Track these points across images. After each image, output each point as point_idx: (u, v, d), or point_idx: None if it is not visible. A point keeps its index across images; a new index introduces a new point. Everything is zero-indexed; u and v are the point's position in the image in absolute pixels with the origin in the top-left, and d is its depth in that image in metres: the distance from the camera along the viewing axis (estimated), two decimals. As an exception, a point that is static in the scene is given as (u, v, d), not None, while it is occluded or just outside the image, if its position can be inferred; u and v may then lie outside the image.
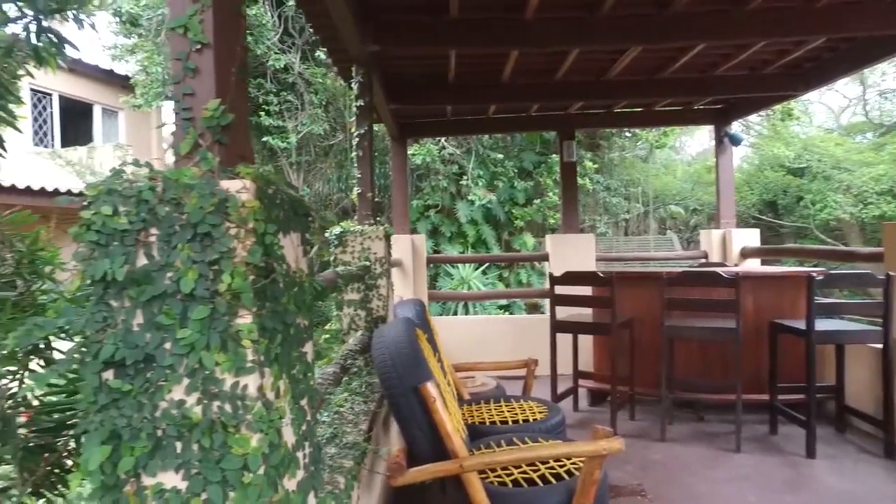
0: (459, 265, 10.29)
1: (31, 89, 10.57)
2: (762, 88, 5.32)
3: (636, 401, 4.49)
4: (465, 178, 10.64)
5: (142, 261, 1.04)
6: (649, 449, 3.81)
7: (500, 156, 10.99)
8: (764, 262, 6.37)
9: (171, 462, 1.10)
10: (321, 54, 9.99)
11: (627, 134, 12.97)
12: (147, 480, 1.12)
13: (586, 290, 4.61)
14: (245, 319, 1.04)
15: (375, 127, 4.66)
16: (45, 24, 1.63)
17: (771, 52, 4.74)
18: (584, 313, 4.67)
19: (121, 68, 11.74)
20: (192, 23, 1.15)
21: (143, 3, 10.36)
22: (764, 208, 13.02)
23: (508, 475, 2.31)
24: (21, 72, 1.64)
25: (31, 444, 1.52)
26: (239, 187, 1.04)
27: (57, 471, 1.60)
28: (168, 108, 11.72)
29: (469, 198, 10.64)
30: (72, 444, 1.63)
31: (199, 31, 1.15)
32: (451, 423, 2.15)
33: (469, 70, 4.86)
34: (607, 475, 2.33)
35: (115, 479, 1.11)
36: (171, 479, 1.11)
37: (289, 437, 1.25)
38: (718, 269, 4.21)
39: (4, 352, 1.36)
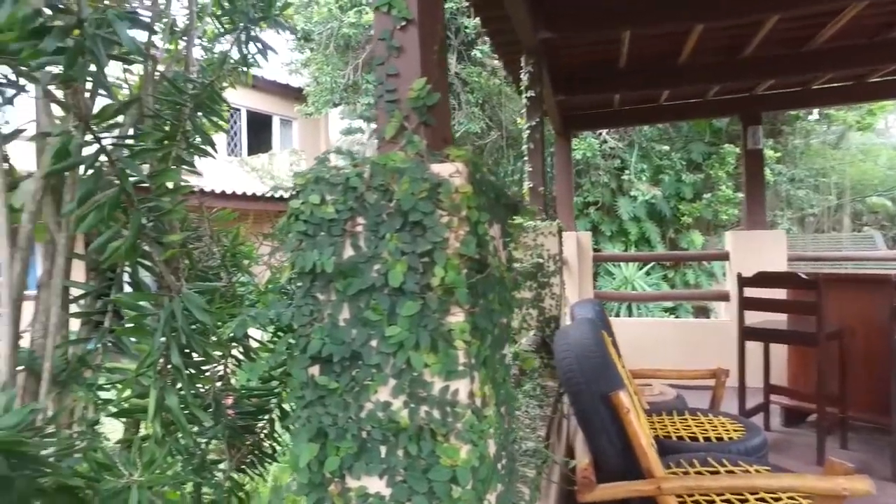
0: (622, 264, 9.76)
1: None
2: None
3: (848, 427, 3.82)
4: (626, 172, 10.06)
5: (348, 252, 0.98)
6: (878, 489, 3.18)
7: (666, 147, 10.23)
8: None
9: (376, 467, 1.04)
10: (478, 53, 10.05)
11: (814, 116, 11.39)
12: (351, 482, 1.07)
13: (775, 294, 4.02)
14: (457, 317, 0.94)
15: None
16: (252, 33, 1.71)
17: None
18: (774, 320, 4.09)
19: (295, 81, 12.84)
20: (397, -1, 1.08)
21: (314, 20, 11.19)
22: None
23: (709, 502, 2.02)
24: (225, 84, 1.74)
25: (235, 425, 1.60)
26: (451, 171, 0.94)
27: (256, 452, 1.67)
28: (335, 113, 12.61)
29: (631, 193, 10.04)
30: (269, 428, 1.69)
31: (403, 7, 1.08)
32: (644, 437, 1.92)
33: (642, 53, 4.49)
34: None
35: (321, 478, 1.07)
36: (375, 485, 1.05)
37: (491, 447, 1.14)
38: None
39: (214, 338, 1.43)
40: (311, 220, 0.97)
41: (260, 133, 13.43)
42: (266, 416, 1.65)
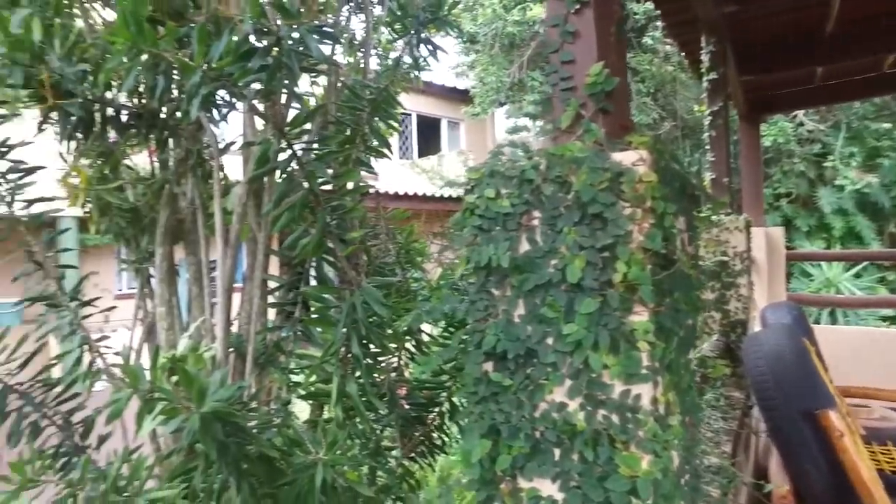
0: (823, 264, 8.53)
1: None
2: None
3: None
4: (829, 158, 8.77)
5: (524, 246, 0.96)
6: None
7: (886, 125, 8.70)
8: None
9: (549, 469, 1.00)
10: (648, 39, 9.48)
11: None
12: (523, 483, 1.05)
13: None
14: (641, 317, 0.87)
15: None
16: (422, 35, 1.77)
17: None
18: None
19: (461, 83, 13.21)
20: (572, -20, 1.02)
21: (479, 22, 11.40)
22: None
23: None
24: (398, 88, 1.82)
25: (408, 415, 1.67)
26: (634, 159, 0.87)
27: (426, 442, 1.73)
28: (500, 113, 12.75)
29: (836, 182, 8.73)
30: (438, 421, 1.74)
31: (578, -12, 1.02)
32: (866, 469, 1.63)
33: (859, 13, 3.81)
34: None
35: (493, 475, 1.06)
36: (548, 488, 1.02)
37: (675, 460, 1.04)
38: None
39: (389, 331, 1.50)
40: (486, 215, 0.97)
41: (429, 136, 14.06)
42: (436, 409, 1.70)
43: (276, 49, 1.05)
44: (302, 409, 1.54)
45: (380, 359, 1.53)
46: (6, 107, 1.32)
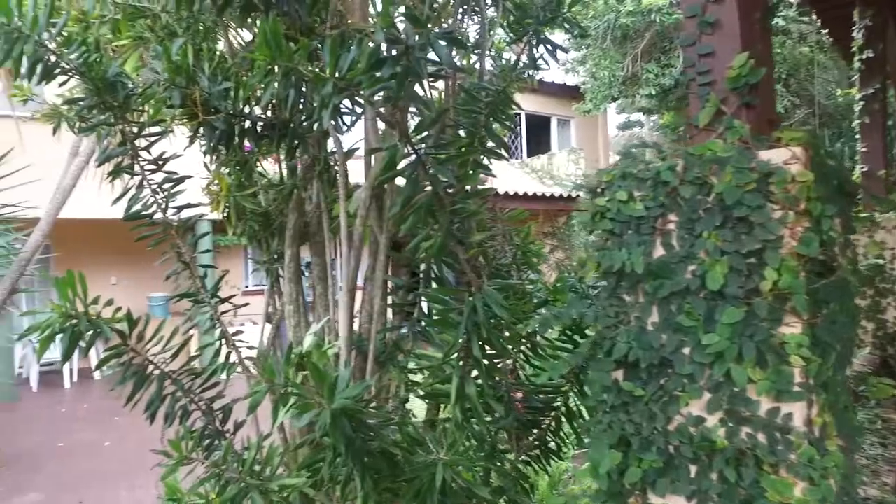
0: None
1: (505, 111, 12.63)
2: None
3: None
4: None
5: (658, 251, 0.91)
6: None
7: None
8: None
9: (684, 486, 0.94)
10: (780, 20, 8.72)
11: None
12: (654, 499, 1.00)
13: None
14: (793, 329, 0.79)
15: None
16: (541, 35, 1.74)
17: None
18: None
19: (571, 80, 12.87)
20: (713, -34, 0.95)
21: (590, 15, 11.04)
22: None
23: None
24: (513, 89, 1.80)
25: (524, 419, 1.65)
26: (786, 157, 0.80)
27: (541, 446, 1.70)
28: (611, 109, 12.28)
29: None
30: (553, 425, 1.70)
31: (719, -25, 0.95)
32: None
33: None
34: None
35: (620, 488, 1.02)
36: (682, 506, 0.96)
37: (833, 489, 0.94)
38: None
39: (507, 334, 1.49)
40: (618, 218, 0.93)
41: (538, 135, 13.86)
42: (552, 413, 1.66)
43: (405, 57, 1.07)
44: (417, 407, 1.57)
45: (496, 361, 1.53)
46: (163, 124, 1.48)
